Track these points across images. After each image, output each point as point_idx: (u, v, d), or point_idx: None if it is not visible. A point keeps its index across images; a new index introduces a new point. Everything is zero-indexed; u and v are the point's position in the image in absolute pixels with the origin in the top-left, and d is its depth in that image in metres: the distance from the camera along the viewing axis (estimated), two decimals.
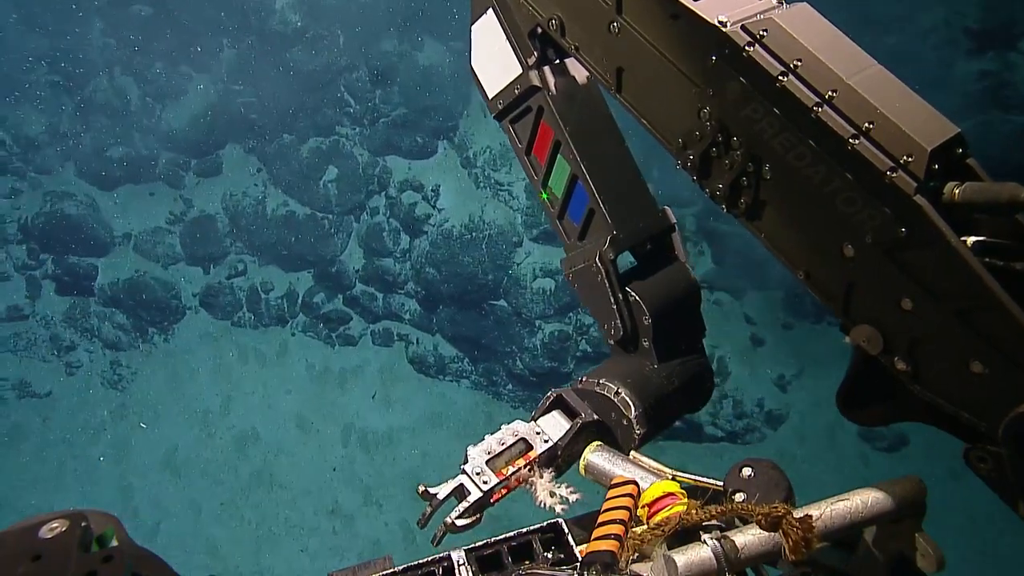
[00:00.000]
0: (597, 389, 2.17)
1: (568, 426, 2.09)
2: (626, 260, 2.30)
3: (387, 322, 11.63)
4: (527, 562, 1.67)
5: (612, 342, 2.27)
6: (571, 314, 10.79)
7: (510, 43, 2.26)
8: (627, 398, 2.12)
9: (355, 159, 11.65)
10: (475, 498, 1.90)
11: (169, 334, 11.75)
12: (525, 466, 1.99)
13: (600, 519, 1.52)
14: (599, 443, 2.03)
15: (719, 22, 1.61)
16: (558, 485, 1.99)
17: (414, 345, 11.47)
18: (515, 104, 2.32)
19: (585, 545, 1.52)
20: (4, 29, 11.30)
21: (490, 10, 2.31)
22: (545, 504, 1.93)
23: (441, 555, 1.66)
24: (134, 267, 11.69)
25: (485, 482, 1.92)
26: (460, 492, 1.92)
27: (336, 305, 11.68)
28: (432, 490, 1.93)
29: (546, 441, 2.05)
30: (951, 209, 1.43)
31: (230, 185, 11.86)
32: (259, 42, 11.49)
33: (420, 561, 1.65)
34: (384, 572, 1.64)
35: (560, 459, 2.06)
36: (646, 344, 2.20)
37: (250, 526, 10.38)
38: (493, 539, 1.69)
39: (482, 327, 11.03)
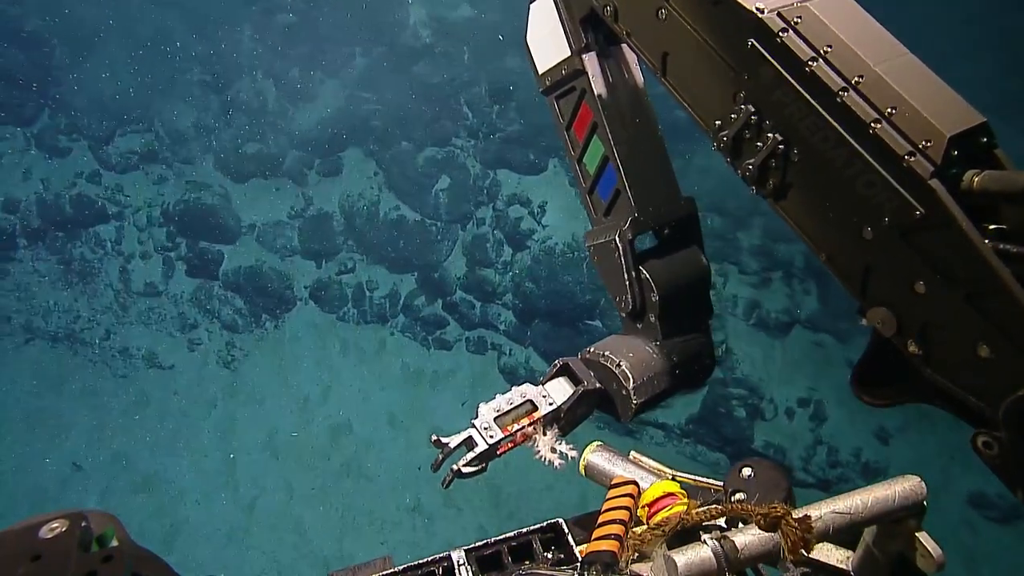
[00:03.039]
0: (601, 360, 2.30)
1: (572, 391, 2.23)
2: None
3: (482, 331, 11.85)
4: (527, 562, 1.70)
5: (623, 315, 2.42)
6: None
7: (562, 26, 2.40)
8: (627, 370, 2.24)
9: (467, 170, 12.00)
10: (481, 449, 2.07)
11: (280, 322, 12.39)
12: (529, 425, 2.14)
13: (600, 519, 1.54)
14: (599, 443, 2.12)
15: (756, 8, 1.68)
16: (559, 442, 2.12)
17: (507, 356, 11.64)
18: (561, 83, 2.46)
19: (585, 545, 1.54)
20: (171, 33, 12.40)
21: None
22: (545, 459, 2.08)
23: (441, 555, 1.71)
24: (255, 256, 12.41)
25: (492, 436, 2.08)
26: (469, 443, 2.09)
27: (435, 309, 12.00)
28: (444, 440, 2.10)
29: (551, 404, 2.19)
30: (969, 196, 1.45)
31: (348, 186, 12.41)
32: (389, 53, 12.07)
33: (420, 561, 1.70)
34: (384, 572, 1.69)
35: (563, 421, 2.20)
36: (652, 320, 2.33)
37: (336, 512, 10.80)
38: (493, 539, 1.73)
39: (575, 345, 11.00)
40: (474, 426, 2.11)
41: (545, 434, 2.14)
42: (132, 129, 12.76)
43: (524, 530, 1.76)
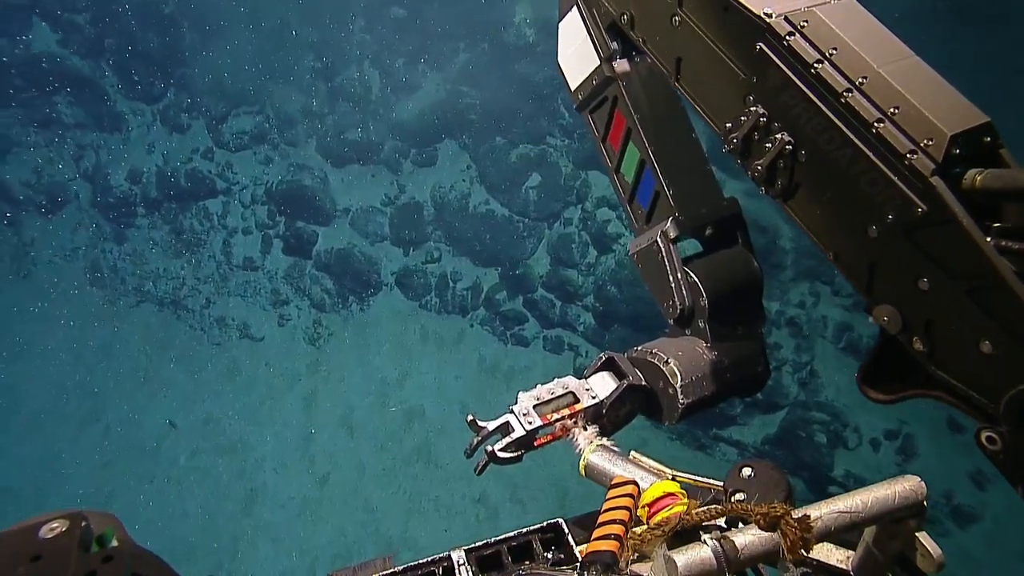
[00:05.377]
0: (648, 357, 2.22)
1: (616, 386, 2.16)
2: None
3: (561, 330, 11.86)
4: (527, 562, 1.68)
5: (671, 321, 2.33)
6: None
7: (590, 38, 2.41)
8: (675, 368, 2.16)
9: (559, 169, 12.02)
10: (518, 435, 2.02)
11: (365, 305, 12.81)
12: (570, 417, 2.09)
13: (600, 519, 1.52)
14: (600, 443, 2.06)
15: (764, 13, 1.73)
16: (599, 437, 2.06)
17: (582, 358, 11.60)
18: (594, 95, 2.49)
19: (585, 545, 1.52)
20: (289, 22, 13.01)
21: (574, 8, 2.47)
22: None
23: (441, 555, 1.70)
24: (347, 239, 12.86)
25: (530, 423, 2.04)
26: (505, 428, 2.05)
27: (516, 305, 12.10)
28: (481, 422, 2.07)
29: (593, 397, 2.13)
30: (972, 195, 1.47)
31: (441, 177, 12.67)
32: (492, 50, 12.24)
33: (420, 561, 1.69)
34: (384, 572, 1.68)
35: (605, 418, 2.14)
36: (701, 324, 2.24)
37: (404, 495, 11.08)
38: (493, 539, 1.71)
39: None
40: (512, 412, 2.08)
41: (585, 429, 2.09)
42: (246, 111, 13.48)
43: (524, 530, 1.74)
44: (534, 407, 2.08)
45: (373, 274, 12.71)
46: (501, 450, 2.03)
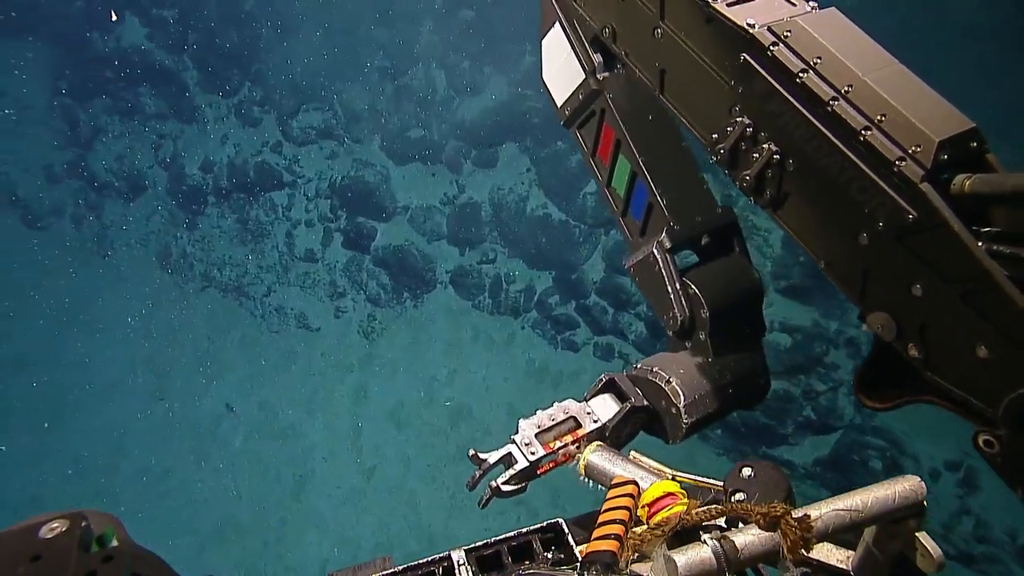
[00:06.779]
0: (650, 376, 2.17)
1: (618, 408, 2.12)
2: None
3: (612, 338, 11.77)
4: (527, 562, 1.68)
5: (670, 333, 2.28)
6: (801, 376, 10.08)
7: (574, 53, 2.40)
8: (677, 387, 2.11)
9: None
10: (521, 467, 1.99)
11: (419, 302, 12.98)
12: (573, 443, 2.04)
13: (600, 519, 1.51)
14: (599, 443, 2.02)
15: (747, 24, 1.72)
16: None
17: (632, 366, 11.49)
18: (580, 109, 2.47)
19: (585, 545, 1.52)
20: (360, 21, 13.32)
21: (556, 24, 2.47)
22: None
23: (441, 555, 1.70)
24: (405, 236, 13.05)
25: (533, 453, 2.01)
26: (508, 460, 2.02)
27: (568, 310, 12.07)
28: (482, 455, 2.03)
29: (595, 421, 2.10)
30: (961, 200, 1.46)
31: (500, 179, 12.72)
32: None
33: (420, 561, 1.69)
34: (384, 572, 1.69)
35: (608, 441, 2.10)
36: (702, 337, 2.19)
37: (447, 492, 11.18)
38: (493, 539, 1.71)
39: None
40: (514, 442, 2.05)
41: None
42: (314, 106, 13.85)
43: (524, 530, 1.74)
44: (536, 435, 2.05)
45: (428, 272, 12.87)
46: (504, 483, 2.00)
